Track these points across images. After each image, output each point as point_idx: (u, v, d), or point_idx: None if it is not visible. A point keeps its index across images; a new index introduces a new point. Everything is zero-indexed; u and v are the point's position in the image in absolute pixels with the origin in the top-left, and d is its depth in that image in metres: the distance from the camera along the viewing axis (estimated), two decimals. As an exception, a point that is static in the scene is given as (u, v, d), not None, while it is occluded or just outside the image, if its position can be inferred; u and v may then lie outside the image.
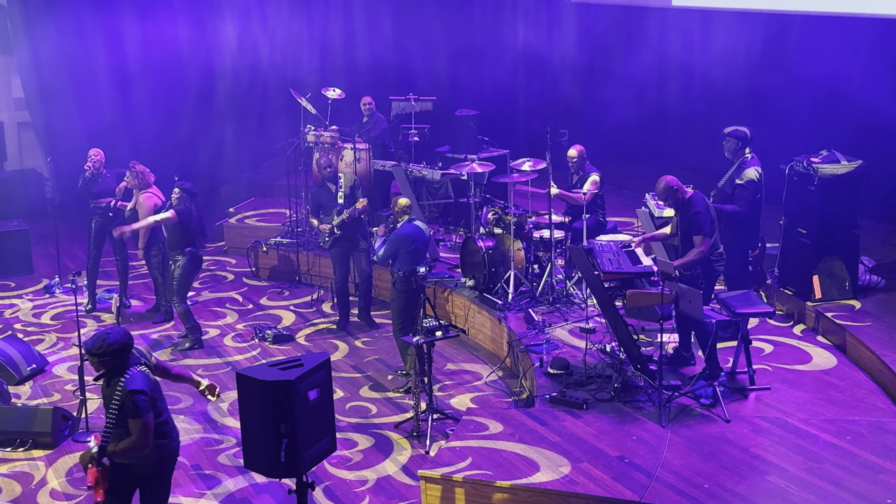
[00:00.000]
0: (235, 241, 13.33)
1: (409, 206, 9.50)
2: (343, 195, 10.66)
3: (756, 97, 13.10)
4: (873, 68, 11.89)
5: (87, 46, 14.85)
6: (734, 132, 9.51)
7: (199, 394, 6.45)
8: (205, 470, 7.99)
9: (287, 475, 5.72)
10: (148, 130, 14.77)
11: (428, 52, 15.51)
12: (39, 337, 10.72)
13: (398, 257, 9.21)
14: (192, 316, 10.36)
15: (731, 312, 8.39)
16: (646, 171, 14.30)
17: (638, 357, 8.36)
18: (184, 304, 10.28)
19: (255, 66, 15.42)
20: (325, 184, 10.86)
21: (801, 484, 6.93)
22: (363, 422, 8.75)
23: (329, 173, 10.86)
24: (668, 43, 14.25)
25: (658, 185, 8.67)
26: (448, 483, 7.19)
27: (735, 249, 9.39)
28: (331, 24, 15.79)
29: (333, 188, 10.75)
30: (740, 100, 13.11)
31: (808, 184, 9.64)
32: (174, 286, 10.24)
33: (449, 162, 12.37)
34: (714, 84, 13.52)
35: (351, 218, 10.52)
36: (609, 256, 8.63)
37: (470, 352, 10.17)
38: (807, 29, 12.52)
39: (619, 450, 7.43)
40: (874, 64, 11.90)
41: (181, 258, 10.15)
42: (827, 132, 11.96)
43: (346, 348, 10.35)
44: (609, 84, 14.70)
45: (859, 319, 9.29)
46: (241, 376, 5.73)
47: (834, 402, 8.15)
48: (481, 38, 15.74)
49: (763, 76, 13.15)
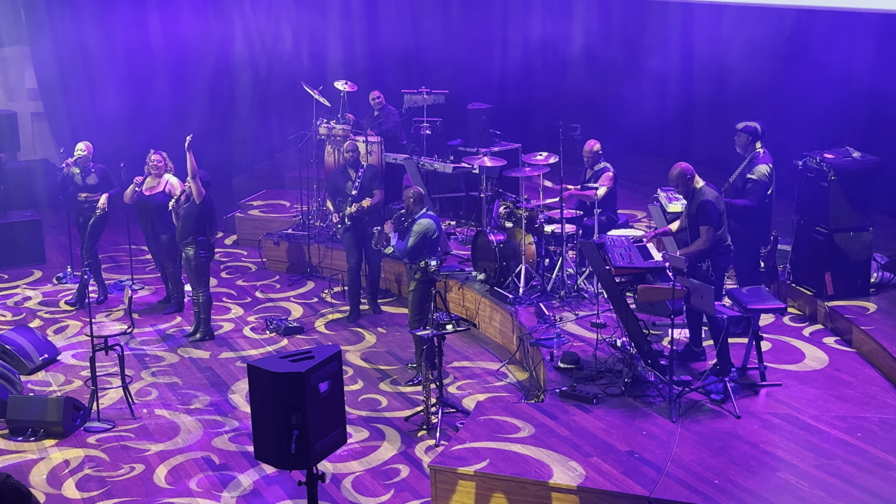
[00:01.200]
0: (247, 232, 13.35)
1: (424, 196, 9.52)
2: (359, 185, 10.70)
3: (770, 92, 13.06)
4: (887, 63, 11.84)
5: (101, 37, 14.88)
6: (746, 127, 9.47)
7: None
8: (216, 461, 8.01)
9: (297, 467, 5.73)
10: (160, 121, 14.78)
11: (440, 45, 15.49)
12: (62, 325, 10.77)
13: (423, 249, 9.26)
14: (210, 306, 10.37)
15: (743, 308, 8.37)
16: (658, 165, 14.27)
17: (649, 352, 8.35)
18: (206, 293, 10.29)
19: (268, 58, 15.43)
20: (346, 168, 10.91)
21: (812, 480, 6.92)
22: (374, 414, 8.77)
23: (350, 158, 10.89)
24: (682, 36, 14.22)
25: (672, 170, 8.62)
26: (457, 476, 7.19)
27: (745, 245, 9.37)
28: (345, 16, 15.78)
29: (353, 175, 10.79)
30: (754, 94, 13.07)
31: (821, 180, 9.61)
32: (193, 275, 10.26)
33: (461, 155, 12.36)
34: (728, 78, 13.49)
35: (359, 212, 10.54)
36: (620, 251, 8.62)
37: (480, 345, 10.18)
38: (822, 24, 12.47)
39: (629, 444, 7.43)
40: (888, 59, 11.85)
41: (192, 248, 10.16)
42: (841, 128, 11.93)
43: (357, 340, 10.36)
44: (623, 78, 14.67)
45: (872, 317, 9.25)
46: (253, 368, 5.74)
47: (845, 399, 8.13)
48: (494, 31, 15.72)
49: (778, 71, 13.10)
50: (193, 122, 15.10)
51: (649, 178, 13.58)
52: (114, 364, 9.20)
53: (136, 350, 10.11)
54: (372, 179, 10.83)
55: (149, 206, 10.79)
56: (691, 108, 14.05)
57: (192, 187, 10.11)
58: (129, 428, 8.58)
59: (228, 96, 15.63)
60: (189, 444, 8.31)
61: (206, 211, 10.16)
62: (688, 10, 14.14)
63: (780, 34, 12.89)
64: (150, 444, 8.32)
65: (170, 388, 9.33)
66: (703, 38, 13.93)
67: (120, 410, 8.85)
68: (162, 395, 9.19)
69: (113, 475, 7.84)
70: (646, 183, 13.38)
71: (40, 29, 14.83)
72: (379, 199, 10.82)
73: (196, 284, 10.28)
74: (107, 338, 8.78)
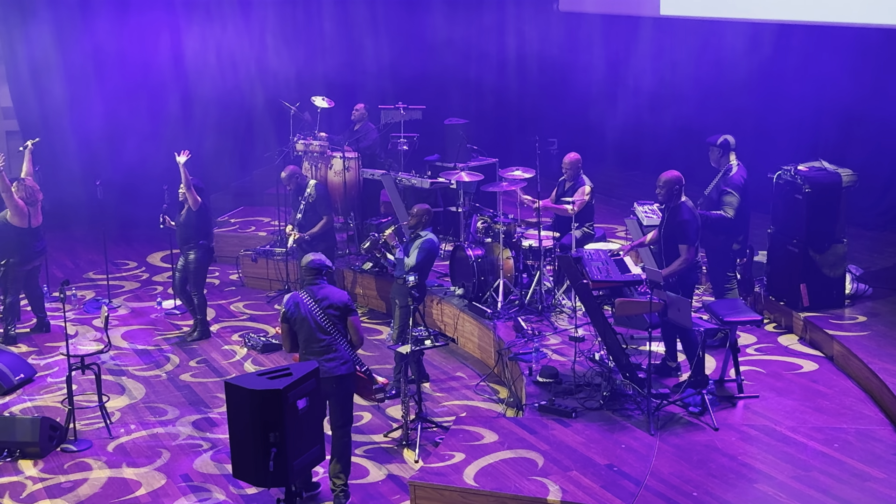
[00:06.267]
0: (224, 249, 13.28)
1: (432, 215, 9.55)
2: (304, 208, 10.83)
3: (745, 105, 13.16)
4: (860, 77, 11.96)
5: (77, 55, 14.81)
6: (716, 140, 9.53)
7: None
8: (193, 481, 7.97)
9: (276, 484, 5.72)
10: (136, 138, 14.73)
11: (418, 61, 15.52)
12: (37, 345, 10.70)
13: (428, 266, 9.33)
14: (205, 307, 10.76)
15: (719, 320, 8.41)
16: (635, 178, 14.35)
17: (627, 365, 8.38)
18: (201, 295, 10.67)
19: (244, 75, 15.41)
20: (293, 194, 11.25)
21: (790, 492, 6.95)
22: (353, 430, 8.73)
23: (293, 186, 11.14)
24: (659, 51, 14.32)
25: (665, 175, 8.51)
26: (437, 491, 7.18)
27: (721, 256, 9.42)
28: (321, 33, 15.80)
29: (300, 199, 11.06)
30: (730, 108, 13.16)
31: (795, 192, 9.68)
32: (192, 277, 10.63)
33: (438, 170, 12.39)
34: (704, 92, 13.59)
35: (299, 242, 10.79)
36: (598, 265, 8.64)
37: (459, 360, 10.17)
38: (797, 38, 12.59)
39: (608, 458, 7.44)
40: (861, 72, 11.97)
41: (194, 252, 10.55)
42: (815, 140, 12.03)
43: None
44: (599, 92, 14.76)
45: (847, 328, 9.32)
46: (230, 385, 5.74)
47: (822, 411, 8.18)
48: (471, 46, 15.78)
49: (752, 84, 13.21)
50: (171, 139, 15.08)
51: (625, 191, 13.65)
52: (91, 383, 9.14)
53: (113, 369, 10.05)
54: (317, 202, 10.92)
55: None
56: (668, 121, 14.13)
57: (188, 196, 10.45)
58: (106, 448, 8.52)
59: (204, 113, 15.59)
60: (167, 463, 8.25)
61: (203, 216, 10.61)
62: (664, 26, 14.25)
63: (755, 49, 13.00)
64: (128, 463, 8.26)
65: (148, 407, 9.28)
66: (679, 53, 14.04)
67: (97, 430, 8.79)
68: (139, 414, 9.14)
69: (90, 495, 7.78)
70: (622, 197, 13.45)
71: (14, 46, 14.76)
72: (327, 225, 10.93)
73: (193, 286, 10.65)
74: (83, 357, 8.74)
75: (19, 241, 10.52)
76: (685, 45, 13.92)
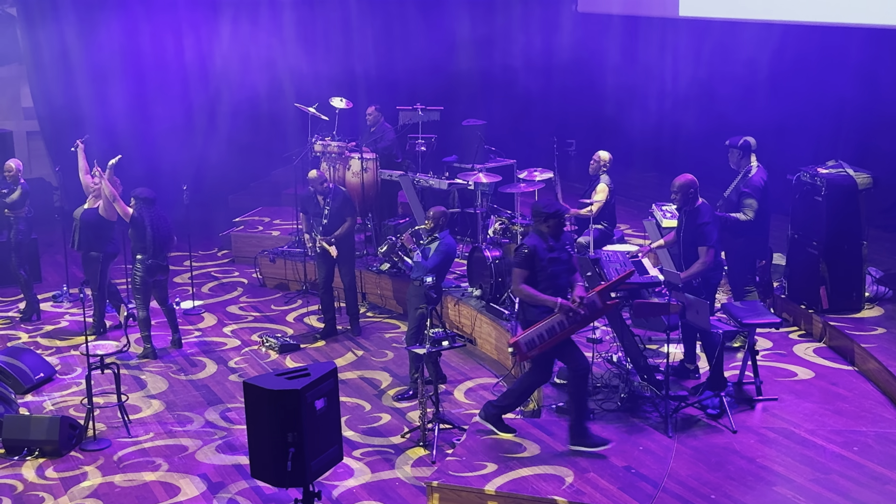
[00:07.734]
0: (242, 250, 13.36)
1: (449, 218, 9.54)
2: (329, 212, 10.59)
3: (764, 107, 13.11)
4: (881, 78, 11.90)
5: (98, 56, 14.90)
6: (737, 142, 9.50)
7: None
8: (212, 479, 8.00)
9: (294, 485, 5.73)
10: (156, 139, 14.81)
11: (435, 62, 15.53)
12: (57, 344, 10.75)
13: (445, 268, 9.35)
14: (149, 325, 10.40)
15: (738, 323, 8.38)
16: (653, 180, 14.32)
17: (644, 367, 8.36)
18: (144, 312, 10.32)
19: (264, 76, 15.46)
20: (315, 195, 10.82)
21: (809, 495, 6.92)
22: (371, 431, 8.76)
23: (322, 188, 10.73)
24: (677, 52, 14.29)
25: (679, 179, 8.51)
26: (454, 492, 7.19)
27: (741, 258, 9.39)
28: (340, 33, 15.83)
29: (321, 201, 10.72)
30: (749, 109, 13.11)
31: (815, 194, 9.64)
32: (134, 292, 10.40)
33: (455, 171, 12.39)
34: (723, 93, 13.54)
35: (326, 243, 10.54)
36: (616, 266, 8.63)
37: (477, 361, 10.17)
38: (815, 39, 12.53)
39: (625, 460, 7.43)
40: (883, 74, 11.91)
41: (134, 265, 10.32)
42: (834, 142, 11.97)
43: (352, 357, 10.35)
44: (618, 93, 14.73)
45: (867, 330, 9.27)
46: (249, 385, 5.75)
47: (841, 413, 8.14)
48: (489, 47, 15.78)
49: (772, 86, 13.16)
50: (189, 140, 15.15)
51: (644, 192, 13.62)
52: (110, 383, 9.19)
53: (132, 368, 10.10)
54: (342, 206, 10.70)
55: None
56: (687, 123, 14.10)
57: (117, 209, 10.30)
58: (124, 447, 8.56)
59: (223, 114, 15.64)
60: (185, 462, 8.29)
61: (138, 229, 10.22)
62: (683, 27, 14.21)
63: (774, 50, 12.95)
64: (147, 462, 8.30)
65: (166, 406, 9.32)
66: (698, 55, 13.99)
67: (116, 429, 8.83)
68: (158, 413, 9.18)
69: (109, 494, 7.82)
70: (641, 198, 13.41)
71: (36, 48, 14.86)
72: (350, 227, 10.74)
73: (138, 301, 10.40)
74: (102, 356, 8.78)
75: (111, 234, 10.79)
76: (705, 46, 13.88)
